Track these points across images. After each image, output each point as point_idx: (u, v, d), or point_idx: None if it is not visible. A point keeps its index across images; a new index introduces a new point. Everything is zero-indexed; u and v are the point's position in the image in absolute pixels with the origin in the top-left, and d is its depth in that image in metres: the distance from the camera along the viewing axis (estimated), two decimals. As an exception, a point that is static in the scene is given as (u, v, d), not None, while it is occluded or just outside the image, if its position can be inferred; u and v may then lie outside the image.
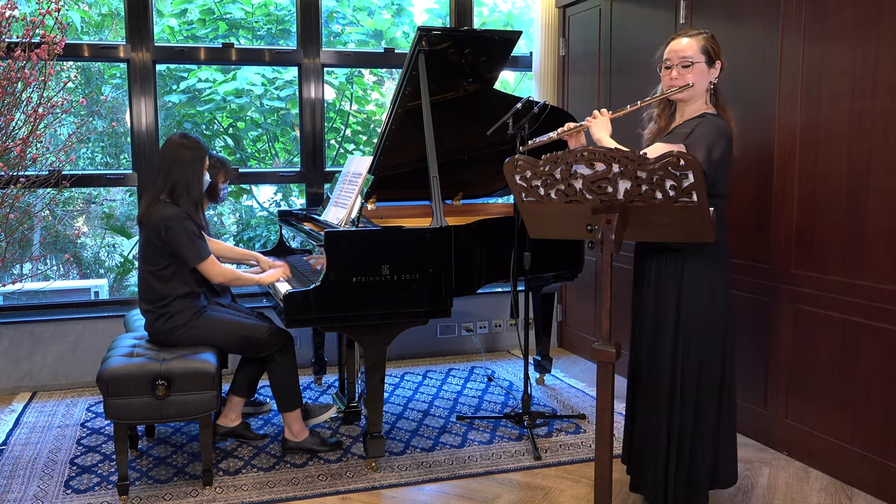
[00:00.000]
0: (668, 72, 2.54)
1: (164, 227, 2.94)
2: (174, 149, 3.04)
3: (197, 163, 3.05)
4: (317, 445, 3.25)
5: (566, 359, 4.81)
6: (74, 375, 4.24)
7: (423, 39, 3.13)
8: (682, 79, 2.50)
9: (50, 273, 5.54)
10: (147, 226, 2.98)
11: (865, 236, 2.84)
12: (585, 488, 2.96)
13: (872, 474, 2.86)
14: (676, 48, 2.52)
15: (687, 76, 2.49)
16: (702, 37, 2.52)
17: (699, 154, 2.36)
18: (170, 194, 3.01)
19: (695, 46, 2.50)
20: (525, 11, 6.33)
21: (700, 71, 2.49)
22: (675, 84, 2.51)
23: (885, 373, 2.79)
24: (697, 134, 2.42)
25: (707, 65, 2.51)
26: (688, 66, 2.49)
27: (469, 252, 3.15)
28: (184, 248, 2.96)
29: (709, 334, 2.51)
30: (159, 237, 2.95)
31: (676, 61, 2.51)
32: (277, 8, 6.11)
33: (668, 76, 2.54)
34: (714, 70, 2.52)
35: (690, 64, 2.48)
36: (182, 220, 2.96)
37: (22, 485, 3.01)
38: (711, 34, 2.56)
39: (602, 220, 2.08)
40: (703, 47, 2.50)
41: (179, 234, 2.94)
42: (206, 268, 3.03)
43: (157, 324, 3.02)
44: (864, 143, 2.83)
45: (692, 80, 2.48)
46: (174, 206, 2.99)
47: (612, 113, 2.61)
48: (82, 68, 5.82)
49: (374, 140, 6.15)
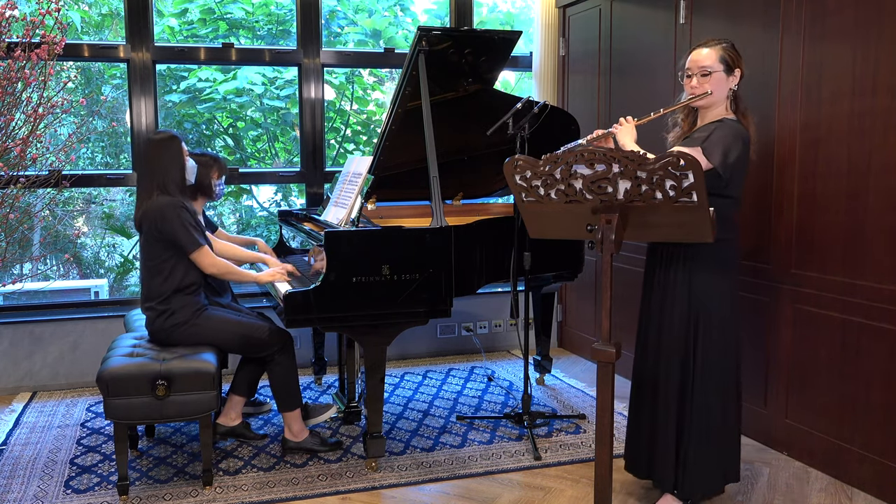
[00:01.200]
0: (689, 80, 2.64)
1: (160, 216, 2.95)
2: (147, 146, 3.09)
3: (172, 150, 3.07)
4: (317, 445, 3.25)
5: (566, 359, 4.81)
6: (74, 375, 4.24)
7: (423, 39, 3.13)
8: (701, 87, 2.61)
9: (50, 273, 5.54)
10: (144, 221, 2.99)
11: (865, 236, 2.84)
12: (585, 488, 2.96)
13: (872, 474, 2.86)
14: (696, 58, 2.63)
15: (705, 85, 2.60)
16: (720, 46, 2.62)
17: (715, 156, 2.47)
18: (159, 188, 3.02)
19: (713, 56, 2.60)
20: (525, 11, 6.33)
21: (718, 79, 2.60)
22: (695, 92, 2.62)
23: (885, 373, 2.79)
24: (714, 137, 2.51)
25: (726, 73, 2.60)
26: (706, 75, 2.60)
27: (469, 252, 3.15)
28: (179, 236, 2.97)
29: (722, 336, 2.60)
30: (157, 228, 2.96)
31: (696, 70, 2.62)
32: (278, 8, 6.11)
33: (688, 84, 2.65)
34: (733, 78, 2.62)
35: (709, 73, 2.59)
36: (176, 208, 2.97)
37: (22, 485, 3.01)
38: (732, 44, 2.65)
39: (602, 220, 2.08)
40: (721, 57, 2.60)
41: (174, 220, 2.95)
42: (199, 258, 3.03)
43: (159, 321, 3.02)
44: (864, 143, 2.83)
45: (710, 89, 2.59)
46: (166, 195, 3.01)
47: (637, 120, 2.70)
48: (82, 68, 5.82)
49: (374, 140, 6.15)
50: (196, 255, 3.02)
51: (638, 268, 4.17)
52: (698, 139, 2.55)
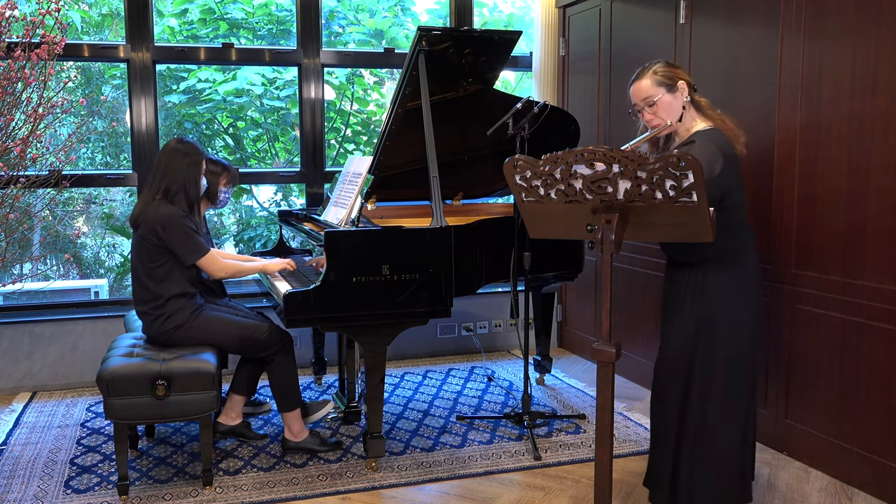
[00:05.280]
0: (642, 115, 2.59)
1: (161, 225, 2.94)
2: (171, 153, 3.05)
3: (194, 167, 3.06)
4: (317, 445, 3.25)
5: (566, 359, 4.81)
6: (74, 375, 4.24)
7: (423, 39, 3.13)
8: (655, 118, 2.55)
9: (50, 273, 5.54)
10: (142, 225, 2.98)
11: (865, 236, 2.84)
12: (585, 488, 2.96)
13: (872, 474, 2.86)
14: (636, 93, 2.57)
15: (659, 113, 2.54)
16: (650, 72, 2.55)
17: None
18: (164, 195, 3.01)
19: (648, 84, 2.54)
20: (525, 11, 6.33)
21: (666, 103, 2.53)
22: (653, 124, 2.56)
23: (885, 373, 2.79)
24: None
25: (669, 92, 2.53)
26: (652, 105, 2.53)
27: (469, 252, 3.15)
28: (182, 246, 2.96)
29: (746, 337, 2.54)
30: (157, 235, 2.95)
31: (641, 105, 2.57)
32: (278, 8, 6.11)
33: (644, 119, 2.60)
34: (679, 92, 2.54)
35: (654, 102, 2.53)
36: (180, 218, 2.96)
37: (22, 485, 3.01)
38: (663, 61, 2.59)
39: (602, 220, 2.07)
40: (656, 81, 2.53)
41: (177, 231, 2.94)
42: (208, 264, 3.03)
43: (156, 325, 3.02)
44: (863, 144, 2.83)
45: (665, 116, 2.53)
46: (170, 205, 2.99)
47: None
48: (82, 68, 5.82)
49: (374, 140, 6.15)
50: (204, 261, 3.01)
51: (638, 268, 4.18)
52: None
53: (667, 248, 2.66)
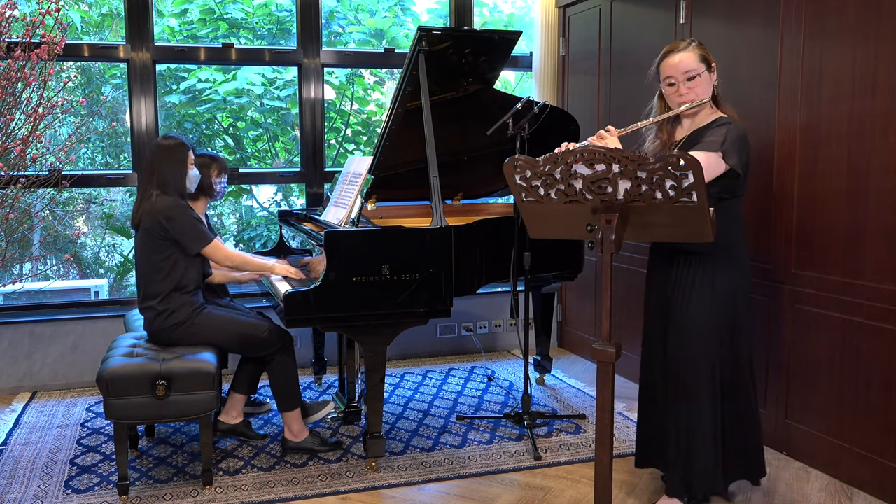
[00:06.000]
0: (673, 88, 2.54)
1: (165, 216, 2.95)
2: (155, 149, 3.10)
3: (178, 156, 3.08)
4: (317, 445, 3.25)
5: (566, 359, 4.81)
6: (74, 375, 4.24)
7: (423, 39, 3.13)
8: (692, 93, 2.52)
9: (50, 273, 5.54)
10: (146, 219, 2.99)
11: (865, 236, 2.84)
12: (585, 488, 2.96)
13: (872, 474, 2.86)
14: (676, 63, 2.52)
15: (696, 89, 2.51)
16: (694, 46, 2.54)
17: (734, 157, 2.42)
18: (159, 188, 3.03)
19: (693, 58, 2.51)
20: (525, 11, 6.33)
21: (705, 80, 2.53)
22: (685, 100, 2.52)
23: (885, 373, 2.79)
24: (730, 139, 2.44)
25: (708, 72, 2.54)
26: (692, 79, 2.50)
27: (469, 252, 3.15)
28: (187, 235, 2.98)
29: (739, 334, 2.60)
30: (161, 227, 2.96)
31: (680, 77, 2.52)
32: (278, 8, 6.11)
33: (674, 93, 2.55)
34: (713, 74, 2.56)
35: (695, 76, 2.50)
36: (183, 208, 3.00)
37: (22, 485, 3.01)
38: (698, 40, 2.59)
39: (602, 220, 2.07)
40: (701, 56, 2.52)
41: (181, 220, 2.97)
42: (212, 252, 3.04)
43: (157, 322, 3.02)
44: (863, 143, 2.83)
45: (700, 93, 2.51)
46: (168, 197, 3.00)
47: (620, 131, 2.57)
48: (82, 68, 5.82)
49: (374, 140, 6.15)
50: (209, 249, 3.03)
51: (637, 267, 4.17)
52: (714, 143, 2.45)
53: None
